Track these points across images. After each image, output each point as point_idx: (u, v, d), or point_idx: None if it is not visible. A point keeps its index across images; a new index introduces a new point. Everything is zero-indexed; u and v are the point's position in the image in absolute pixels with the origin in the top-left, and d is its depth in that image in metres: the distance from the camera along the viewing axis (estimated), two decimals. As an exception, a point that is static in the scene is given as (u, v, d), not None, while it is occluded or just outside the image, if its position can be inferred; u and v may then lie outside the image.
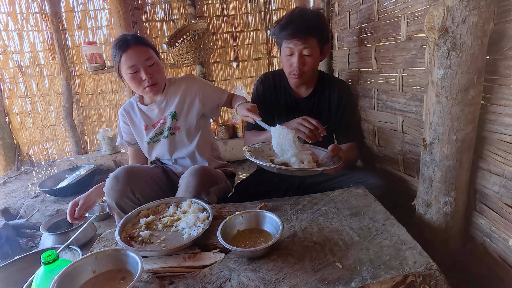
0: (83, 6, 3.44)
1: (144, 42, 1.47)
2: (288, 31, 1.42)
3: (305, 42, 1.41)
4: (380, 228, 1.05)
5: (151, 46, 1.48)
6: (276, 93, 1.63)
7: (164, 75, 1.54)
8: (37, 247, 1.95)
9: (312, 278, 0.85)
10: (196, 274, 0.91)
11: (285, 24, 1.43)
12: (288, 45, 1.44)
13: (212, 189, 1.38)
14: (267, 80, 1.65)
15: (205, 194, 1.34)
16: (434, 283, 0.84)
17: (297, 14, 1.44)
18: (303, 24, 1.41)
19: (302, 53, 1.44)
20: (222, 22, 3.46)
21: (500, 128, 0.95)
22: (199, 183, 1.33)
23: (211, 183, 1.39)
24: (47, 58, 3.58)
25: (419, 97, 1.27)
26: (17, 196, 2.85)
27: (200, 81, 1.62)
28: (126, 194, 1.38)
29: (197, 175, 1.34)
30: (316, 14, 1.47)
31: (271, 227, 1.05)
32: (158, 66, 1.48)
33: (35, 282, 0.94)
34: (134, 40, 1.43)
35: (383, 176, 1.46)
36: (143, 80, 1.44)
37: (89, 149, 3.88)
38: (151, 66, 1.44)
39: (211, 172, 1.44)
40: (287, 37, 1.43)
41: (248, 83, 3.65)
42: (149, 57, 1.43)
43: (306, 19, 1.42)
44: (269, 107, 1.62)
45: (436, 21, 0.96)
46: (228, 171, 1.69)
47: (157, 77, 1.47)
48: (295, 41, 1.42)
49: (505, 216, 0.96)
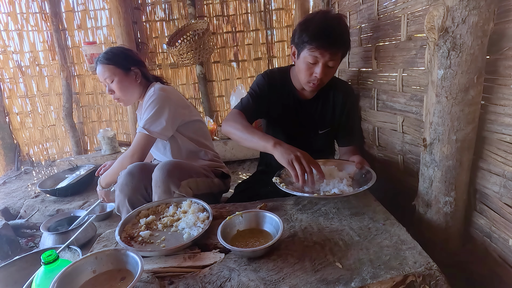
0: (83, 6, 3.43)
1: (107, 60, 1.54)
2: (322, 42, 1.31)
3: (334, 55, 1.35)
4: (380, 228, 1.05)
5: (114, 63, 1.54)
6: (280, 92, 1.55)
7: (129, 88, 1.59)
8: (37, 247, 1.94)
9: (312, 278, 0.85)
10: (196, 274, 0.91)
11: (318, 33, 1.31)
12: (313, 54, 1.34)
13: (184, 182, 1.37)
14: (272, 76, 1.56)
15: (175, 186, 1.34)
16: (434, 283, 0.84)
17: (332, 25, 1.33)
18: (338, 37, 1.34)
19: (327, 64, 1.36)
20: (222, 22, 3.46)
21: (500, 128, 0.95)
22: (166, 176, 1.33)
23: (182, 176, 1.39)
24: (47, 58, 3.58)
25: (419, 97, 1.27)
26: (17, 196, 2.85)
27: (154, 98, 1.54)
28: (139, 190, 1.41)
29: (164, 169, 1.35)
30: (345, 23, 1.40)
31: (271, 227, 1.05)
32: (118, 83, 1.55)
33: (35, 282, 0.94)
34: (101, 57, 1.55)
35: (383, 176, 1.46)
36: None
37: (89, 149, 3.88)
38: (112, 83, 1.56)
39: (181, 165, 1.44)
40: (318, 47, 1.32)
41: (248, 83, 3.65)
42: (108, 76, 1.54)
43: (341, 32, 1.35)
44: (270, 104, 1.54)
45: (436, 21, 0.96)
46: (218, 171, 1.68)
47: (118, 94, 1.57)
48: (325, 53, 1.32)
49: (505, 216, 0.96)
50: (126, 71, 1.56)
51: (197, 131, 1.70)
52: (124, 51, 1.62)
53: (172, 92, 1.60)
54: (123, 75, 1.56)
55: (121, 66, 1.55)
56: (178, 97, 1.62)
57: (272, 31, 3.50)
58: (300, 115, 1.56)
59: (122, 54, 1.59)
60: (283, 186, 1.24)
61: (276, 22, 3.47)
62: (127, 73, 1.57)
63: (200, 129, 1.73)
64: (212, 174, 1.62)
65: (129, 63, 1.58)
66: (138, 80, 1.61)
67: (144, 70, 1.65)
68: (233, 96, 3.17)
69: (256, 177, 1.74)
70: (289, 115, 1.56)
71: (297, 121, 1.56)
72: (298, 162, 1.14)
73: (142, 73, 1.63)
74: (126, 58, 1.59)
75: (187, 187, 1.38)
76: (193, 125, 1.68)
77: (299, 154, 1.16)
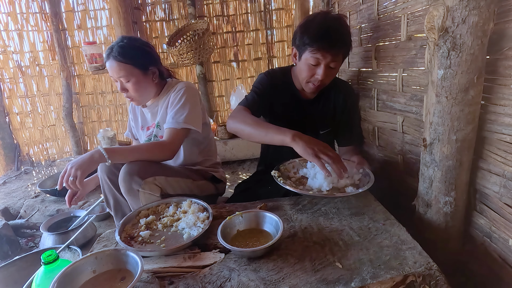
0: (83, 6, 3.43)
1: (124, 58, 1.38)
2: (323, 44, 1.31)
3: (336, 56, 1.35)
4: (380, 228, 1.05)
5: (132, 62, 1.40)
6: (282, 91, 1.54)
7: (146, 89, 1.47)
8: (37, 247, 1.94)
9: (312, 278, 0.85)
10: (196, 274, 0.91)
11: (318, 35, 1.31)
12: (315, 55, 1.34)
13: (149, 179, 1.30)
14: (274, 75, 1.55)
15: (136, 184, 1.28)
16: (434, 283, 0.84)
17: (333, 26, 1.33)
18: (340, 38, 1.34)
19: (329, 65, 1.36)
20: (222, 22, 3.46)
21: (500, 128, 0.95)
22: (126, 174, 1.28)
23: (146, 174, 1.30)
24: (47, 58, 3.58)
25: (419, 97, 1.27)
26: (17, 196, 2.85)
27: (187, 94, 1.49)
28: (116, 164, 1.36)
29: (124, 169, 1.30)
30: (346, 24, 1.40)
31: (271, 227, 1.05)
32: (135, 84, 1.42)
33: (35, 282, 0.94)
34: (116, 53, 1.38)
35: (383, 176, 1.46)
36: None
37: (89, 149, 3.88)
38: (127, 83, 1.42)
39: (146, 164, 1.34)
40: (320, 48, 1.32)
41: (248, 83, 3.65)
42: (123, 75, 1.40)
43: (342, 32, 1.35)
44: (271, 102, 1.52)
45: (436, 21, 0.96)
46: (208, 174, 1.64)
47: (133, 94, 1.45)
48: (327, 54, 1.33)
49: (505, 216, 0.96)
50: (144, 71, 1.44)
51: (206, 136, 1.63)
52: (143, 47, 1.46)
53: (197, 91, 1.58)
54: (141, 75, 1.43)
55: (139, 66, 1.42)
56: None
57: (272, 31, 3.50)
58: (301, 116, 1.56)
59: (141, 52, 1.44)
60: (281, 180, 1.24)
61: (276, 22, 3.47)
62: (145, 73, 1.44)
63: (208, 134, 1.66)
64: (198, 177, 1.56)
65: (148, 62, 1.45)
66: (155, 80, 1.50)
67: (161, 68, 1.54)
68: (233, 96, 3.17)
69: (256, 177, 1.73)
70: (290, 115, 1.56)
71: (298, 121, 1.56)
72: (324, 153, 1.13)
73: (159, 71, 1.52)
74: (145, 56, 1.45)
75: (153, 184, 1.31)
76: (203, 130, 1.58)
77: (321, 145, 1.16)
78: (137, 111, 1.69)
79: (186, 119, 1.42)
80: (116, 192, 1.41)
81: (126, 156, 1.32)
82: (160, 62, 1.54)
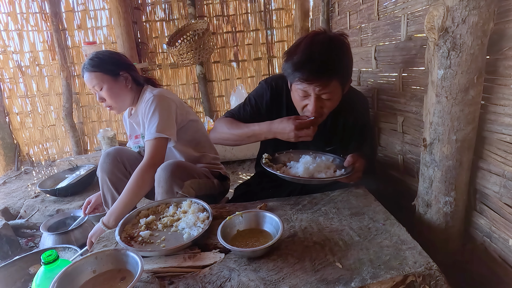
0: (83, 6, 3.44)
1: (93, 67, 1.45)
2: (304, 75, 1.14)
3: (325, 86, 1.15)
4: (380, 228, 1.05)
5: (101, 70, 1.45)
6: (283, 107, 1.39)
7: (119, 95, 1.50)
8: (37, 247, 1.95)
9: (312, 278, 0.85)
10: (196, 274, 0.91)
11: (299, 62, 1.15)
12: (300, 86, 1.18)
13: (187, 182, 1.35)
14: (277, 90, 1.39)
15: (177, 187, 1.32)
16: (434, 283, 0.84)
17: (320, 51, 1.13)
18: (328, 65, 1.13)
19: (320, 97, 1.19)
20: (222, 22, 3.46)
21: (500, 128, 0.95)
22: (170, 176, 1.31)
23: (185, 177, 1.36)
24: (47, 58, 3.58)
25: (419, 97, 1.27)
26: (17, 196, 2.85)
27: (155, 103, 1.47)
28: (117, 166, 1.43)
29: (168, 169, 1.33)
30: (340, 47, 1.18)
31: (271, 227, 1.05)
32: (108, 91, 1.46)
33: (35, 282, 0.94)
34: (87, 65, 1.46)
35: (383, 176, 1.46)
36: None
37: (89, 149, 3.88)
38: (101, 91, 1.47)
39: (184, 165, 1.41)
40: (303, 79, 1.15)
41: (248, 83, 3.65)
42: (96, 83, 1.46)
43: (333, 58, 1.14)
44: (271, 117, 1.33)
45: (436, 21, 0.96)
46: (215, 172, 1.66)
47: (109, 102, 1.49)
48: (312, 85, 1.15)
49: (505, 216, 0.96)
50: (115, 77, 1.48)
51: (195, 133, 1.66)
52: (111, 56, 1.53)
53: (168, 94, 1.56)
54: (112, 81, 1.47)
55: (109, 72, 1.47)
56: (174, 98, 1.59)
57: (272, 31, 3.50)
58: None
59: (109, 59, 1.50)
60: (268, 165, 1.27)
61: (276, 22, 3.48)
62: (116, 78, 1.49)
63: (198, 131, 1.68)
64: (212, 176, 1.60)
65: (117, 68, 1.49)
66: (128, 85, 1.52)
67: (134, 74, 1.57)
68: (233, 96, 3.17)
69: (256, 179, 1.72)
70: None
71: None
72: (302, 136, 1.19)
73: (132, 77, 1.55)
74: (113, 63, 1.50)
75: (190, 188, 1.35)
76: (191, 127, 1.62)
77: (293, 124, 1.19)
78: (126, 121, 1.72)
79: (158, 128, 1.43)
80: (114, 192, 1.42)
81: (125, 206, 1.33)
82: (133, 68, 1.58)
